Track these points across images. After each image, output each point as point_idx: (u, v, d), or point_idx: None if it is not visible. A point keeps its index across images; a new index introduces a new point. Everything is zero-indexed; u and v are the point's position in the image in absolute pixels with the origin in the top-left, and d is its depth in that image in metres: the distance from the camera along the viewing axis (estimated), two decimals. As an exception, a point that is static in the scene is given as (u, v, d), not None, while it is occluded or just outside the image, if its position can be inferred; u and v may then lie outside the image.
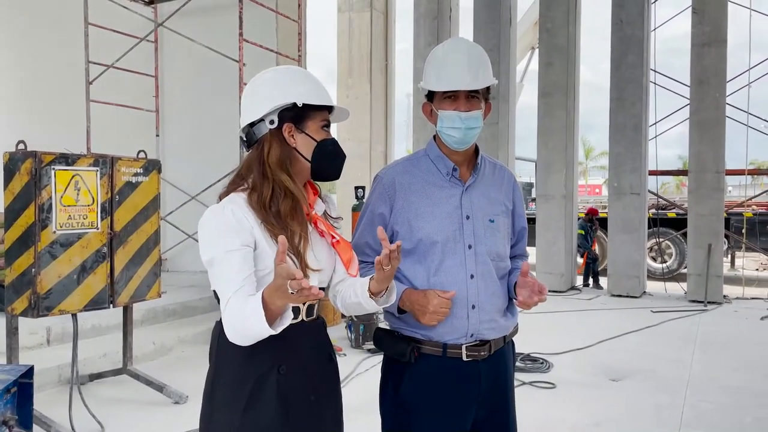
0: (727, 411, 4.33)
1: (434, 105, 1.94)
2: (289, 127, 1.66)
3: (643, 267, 9.51)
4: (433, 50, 1.99)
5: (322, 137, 1.68)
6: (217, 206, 1.63)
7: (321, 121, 1.68)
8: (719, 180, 8.87)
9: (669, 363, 5.52)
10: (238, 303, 1.48)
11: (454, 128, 1.89)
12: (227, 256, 1.55)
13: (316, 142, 1.67)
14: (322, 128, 1.69)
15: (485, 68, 1.91)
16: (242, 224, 1.58)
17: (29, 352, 4.94)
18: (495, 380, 1.98)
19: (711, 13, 8.79)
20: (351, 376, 4.99)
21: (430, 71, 1.94)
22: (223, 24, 7.98)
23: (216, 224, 1.59)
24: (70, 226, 3.82)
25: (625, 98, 9.25)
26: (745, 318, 7.71)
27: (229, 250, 1.55)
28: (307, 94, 1.66)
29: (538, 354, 5.57)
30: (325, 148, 1.68)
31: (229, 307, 1.50)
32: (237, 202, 1.62)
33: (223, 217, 1.59)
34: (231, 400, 1.61)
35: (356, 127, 12.00)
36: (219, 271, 1.56)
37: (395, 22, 12.69)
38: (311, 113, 1.67)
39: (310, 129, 1.67)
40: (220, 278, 1.56)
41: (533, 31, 14.82)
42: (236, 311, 1.48)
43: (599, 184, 34.11)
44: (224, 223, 1.58)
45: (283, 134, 1.66)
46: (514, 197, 2.10)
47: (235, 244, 1.55)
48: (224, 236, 1.57)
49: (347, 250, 1.75)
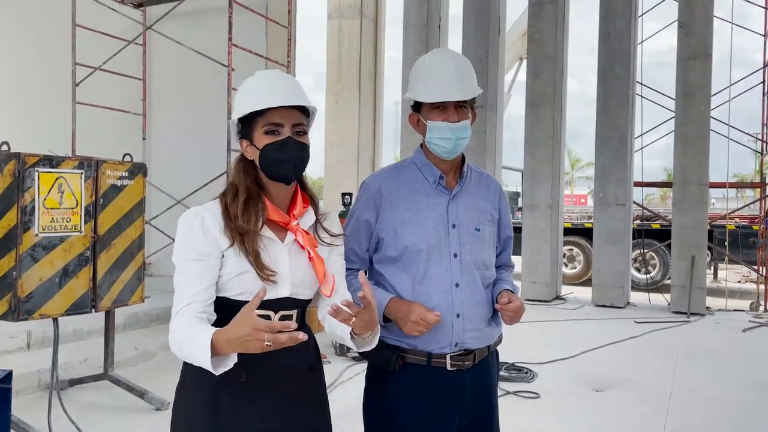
0: (709, 422, 4.36)
1: (422, 115, 1.94)
2: (244, 142, 1.68)
3: (627, 278, 9.57)
4: (419, 61, 1.99)
5: (264, 143, 1.63)
6: (192, 211, 1.66)
7: (264, 126, 1.63)
8: (703, 192, 8.96)
9: (652, 374, 5.55)
10: (186, 324, 1.52)
11: (444, 139, 1.89)
12: (185, 266, 1.59)
13: (259, 150, 1.64)
14: (266, 133, 1.63)
15: (471, 78, 1.93)
16: (208, 233, 1.60)
17: (8, 356, 4.87)
18: (479, 390, 1.98)
19: (697, 27, 8.91)
20: (335, 384, 4.96)
21: (416, 82, 1.94)
22: (213, 28, 7.96)
23: (183, 231, 1.63)
24: (53, 229, 3.78)
25: (611, 110, 9.33)
26: (727, 330, 7.77)
27: (188, 260, 1.59)
28: (244, 105, 1.65)
29: (523, 363, 5.58)
30: (266, 153, 1.63)
31: (176, 322, 1.54)
32: (211, 209, 1.65)
33: (192, 223, 1.62)
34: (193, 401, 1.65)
35: (344, 133, 12.00)
36: (177, 279, 1.60)
37: (385, 30, 12.73)
38: (255, 121, 1.65)
39: (255, 138, 1.65)
40: (176, 286, 1.60)
41: (521, 41, 14.92)
42: (181, 332, 1.51)
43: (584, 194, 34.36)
44: (190, 230, 1.61)
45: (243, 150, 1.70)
46: (500, 206, 2.11)
47: (193, 254, 1.58)
48: (187, 244, 1.61)
49: (321, 267, 1.70)
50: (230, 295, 1.61)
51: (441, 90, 1.87)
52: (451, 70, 1.89)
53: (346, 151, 11.95)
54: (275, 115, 1.62)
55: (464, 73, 1.91)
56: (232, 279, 1.60)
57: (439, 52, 2.01)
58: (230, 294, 1.61)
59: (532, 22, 10.09)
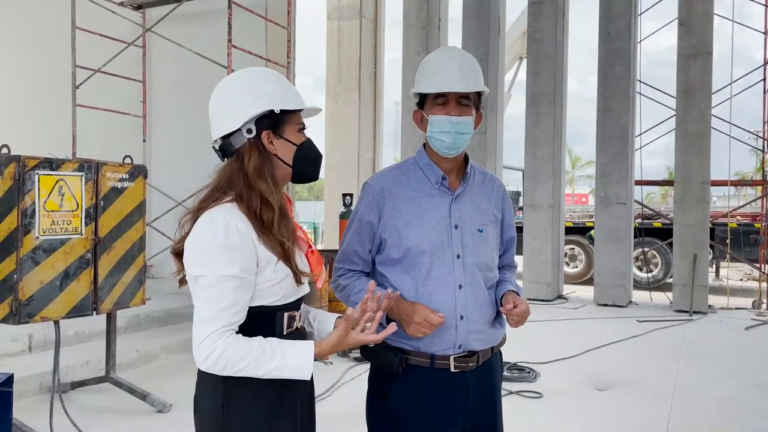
0: (712, 421, 4.35)
1: (425, 111, 1.93)
2: (268, 134, 1.61)
3: (629, 277, 9.56)
4: (426, 58, 1.99)
5: (300, 140, 1.64)
6: (219, 218, 1.51)
7: (297, 123, 1.65)
8: (704, 190, 8.95)
9: (655, 373, 5.54)
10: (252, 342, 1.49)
11: (444, 132, 1.88)
12: (222, 282, 1.47)
13: (296, 146, 1.63)
14: (299, 131, 1.65)
15: (477, 75, 1.92)
16: (247, 243, 1.51)
17: (10, 360, 4.86)
18: (482, 391, 1.97)
19: (697, 25, 8.90)
20: (337, 385, 4.95)
21: (421, 77, 1.94)
22: (212, 30, 7.95)
23: (217, 241, 1.49)
24: (54, 232, 3.77)
25: (612, 109, 9.32)
26: (730, 328, 7.76)
27: (226, 276, 1.47)
28: (281, 99, 1.61)
29: (525, 363, 5.57)
30: (305, 151, 1.64)
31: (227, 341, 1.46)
32: (235, 214, 1.53)
33: (226, 234, 1.49)
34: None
35: (345, 134, 12.00)
36: (208, 294, 1.48)
37: (384, 31, 12.74)
38: (288, 117, 1.63)
39: (288, 134, 1.63)
40: (207, 302, 1.48)
41: (521, 41, 14.91)
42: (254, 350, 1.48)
43: (586, 193, 34.33)
44: (226, 242, 1.49)
45: (263, 142, 1.61)
46: (504, 207, 2.09)
47: (234, 270, 1.48)
48: (223, 257, 1.48)
49: (319, 263, 1.72)
50: (268, 302, 1.57)
51: (443, 82, 1.87)
52: (454, 64, 1.89)
53: (347, 152, 11.95)
54: (301, 116, 1.66)
55: (468, 68, 1.90)
56: (274, 286, 1.55)
57: (445, 48, 2.02)
58: (268, 301, 1.57)
59: (532, 21, 10.08)
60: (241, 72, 1.69)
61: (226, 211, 1.54)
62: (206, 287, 1.48)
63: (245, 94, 1.61)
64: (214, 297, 1.47)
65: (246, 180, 1.57)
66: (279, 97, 1.61)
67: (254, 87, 1.62)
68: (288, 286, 1.59)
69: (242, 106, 1.59)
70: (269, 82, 1.64)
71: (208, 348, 1.44)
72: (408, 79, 10.05)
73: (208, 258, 1.49)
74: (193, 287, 1.53)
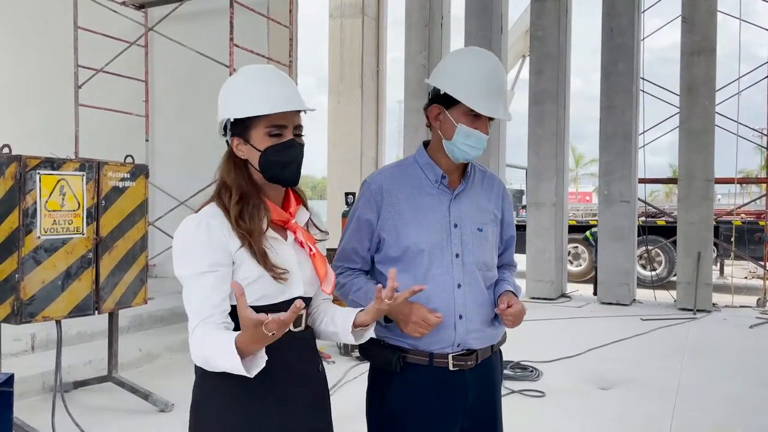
0: (717, 420, 4.33)
1: (452, 115, 1.86)
2: (236, 140, 1.63)
3: (632, 275, 9.52)
4: (460, 54, 1.95)
5: (266, 145, 1.59)
6: (193, 218, 1.58)
7: (266, 127, 1.59)
8: (708, 188, 8.90)
9: (659, 371, 5.52)
10: (208, 335, 1.47)
11: (472, 147, 1.87)
12: (197, 279, 1.52)
13: (260, 152, 1.60)
14: (268, 135, 1.60)
15: (506, 95, 1.92)
16: (215, 241, 1.54)
17: (13, 359, 4.86)
18: (482, 390, 1.96)
19: (700, 22, 8.85)
20: (340, 384, 4.95)
21: (454, 77, 1.86)
22: (214, 29, 7.95)
23: (188, 240, 1.56)
24: (55, 232, 3.77)
25: (615, 106, 9.29)
26: (734, 326, 7.73)
27: (200, 272, 1.52)
28: (238, 105, 1.60)
29: (528, 362, 5.55)
30: (269, 156, 1.59)
31: (196, 336, 1.49)
32: (215, 213, 1.58)
33: (196, 232, 1.55)
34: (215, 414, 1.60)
35: (347, 133, 11.99)
36: (188, 292, 1.54)
37: (387, 29, 12.72)
38: (254, 122, 1.60)
39: (254, 139, 1.60)
40: (188, 300, 1.54)
41: (524, 39, 14.88)
42: (205, 343, 1.47)
43: (590, 191, 34.25)
44: (196, 239, 1.55)
45: (235, 149, 1.64)
46: (503, 206, 2.08)
47: (203, 266, 1.52)
48: (195, 255, 1.54)
49: (323, 265, 1.70)
50: (253, 301, 1.54)
51: (490, 105, 1.84)
52: (495, 83, 1.87)
53: (349, 150, 11.94)
54: (279, 117, 1.58)
55: (504, 89, 1.91)
56: (250, 284, 1.54)
57: (486, 56, 1.93)
58: (252, 300, 1.54)
59: (535, 19, 10.05)
60: (236, 73, 1.71)
61: (207, 210, 1.60)
62: (187, 284, 1.55)
63: (220, 101, 1.66)
64: (194, 292, 1.53)
65: (222, 180, 1.64)
66: (240, 103, 1.60)
67: (224, 93, 1.66)
68: (267, 286, 1.57)
69: (219, 112, 1.67)
70: (235, 88, 1.64)
71: (190, 339, 1.50)
72: (410, 78, 10.02)
73: (182, 258, 1.56)
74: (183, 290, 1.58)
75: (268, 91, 1.59)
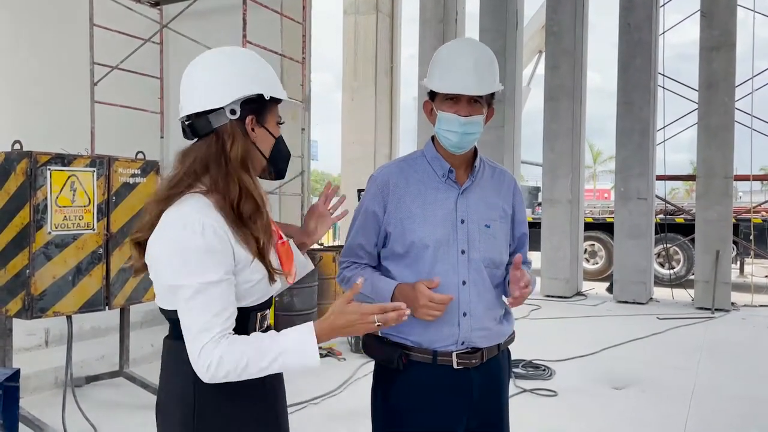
0: (732, 421, 4.25)
1: (435, 105, 1.88)
2: (252, 119, 1.48)
3: (649, 273, 9.40)
4: (440, 49, 1.93)
5: (278, 134, 1.54)
6: (189, 219, 1.38)
7: (277, 116, 1.54)
8: (728, 185, 8.75)
9: (674, 371, 5.43)
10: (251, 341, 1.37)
11: (451, 131, 1.83)
12: (207, 289, 1.35)
13: (275, 138, 1.53)
14: (277, 124, 1.54)
15: (492, 73, 1.85)
16: (225, 244, 1.39)
17: (26, 354, 4.92)
18: (488, 390, 1.92)
19: (720, 16, 8.70)
20: (350, 381, 4.93)
21: (434, 70, 1.88)
22: (228, 26, 7.95)
23: (194, 246, 1.36)
24: (66, 227, 3.79)
25: (632, 102, 9.16)
26: (752, 326, 7.59)
27: (210, 282, 1.35)
28: (271, 85, 1.50)
29: (541, 361, 5.49)
30: (282, 146, 1.55)
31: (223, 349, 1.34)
32: (208, 212, 1.40)
33: (204, 236, 1.36)
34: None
35: (361, 129, 11.98)
36: (196, 303, 1.35)
37: (401, 26, 12.67)
38: (272, 107, 1.52)
39: (269, 124, 1.52)
40: (194, 311, 1.36)
41: (540, 34, 14.74)
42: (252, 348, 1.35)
43: (608, 188, 33.91)
44: (206, 246, 1.36)
45: (246, 128, 1.48)
46: (515, 202, 2.03)
47: (217, 275, 1.36)
48: (203, 263, 1.36)
49: (290, 257, 1.62)
50: (248, 303, 1.47)
51: (455, 81, 1.81)
52: (470, 61, 1.82)
53: (363, 147, 11.93)
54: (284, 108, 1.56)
55: (484, 66, 1.83)
56: (251, 288, 1.45)
57: (460, 41, 1.95)
58: (248, 302, 1.47)
59: (551, 14, 9.94)
60: (229, 48, 1.56)
61: (197, 207, 1.40)
62: (192, 297, 1.35)
63: (236, 72, 1.48)
64: (203, 305, 1.35)
65: (226, 167, 1.44)
66: (269, 82, 1.51)
67: (245, 66, 1.50)
68: (263, 287, 1.50)
69: (230, 83, 1.46)
70: (260, 66, 1.54)
71: (207, 358, 1.33)
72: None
73: (188, 266, 1.36)
74: (170, 296, 1.41)
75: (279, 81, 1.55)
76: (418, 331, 1.85)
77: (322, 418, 4.09)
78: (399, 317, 1.41)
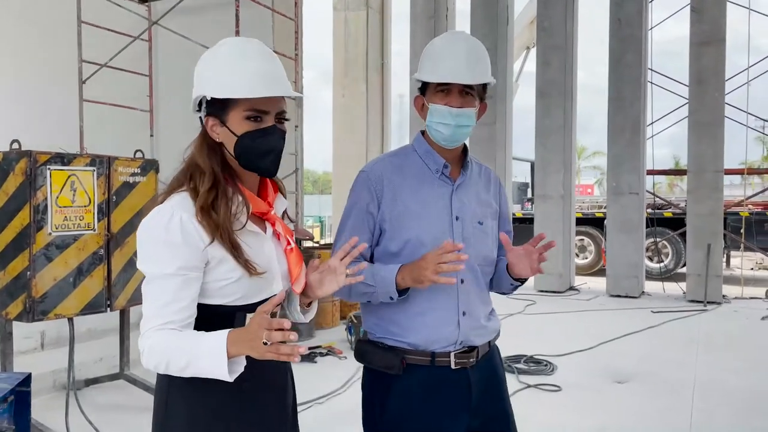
0: (735, 414, 4.28)
1: (426, 98, 1.84)
2: (212, 120, 1.48)
3: (641, 267, 9.48)
4: (431, 41, 1.89)
5: (244, 130, 1.45)
6: (165, 211, 1.41)
7: (245, 110, 1.44)
8: (718, 180, 8.84)
9: (673, 364, 5.47)
10: (176, 337, 1.36)
11: (443, 124, 1.79)
12: (161, 280, 1.38)
13: (237, 137, 1.45)
14: (246, 119, 1.45)
15: (483, 64, 1.81)
16: (189, 240, 1.38)
17: (23, 357, 4.81)
18: (486, 387, 1.89)
19: (710, 11, 8.76)
20: (352, 380, 4.90)
21: (425, 62, 1.84)
22: (219, 22, 7.87)
23: (157, 236, 1.39)
24: (66, 228, 3.72)
25: (623, 98, 9.22)
26: (745, 318, 7.68)
27: (165, 274, 1.38)
28: (217, 84, 1.44)
29: (541, 356, 5.50)
30: (245, 142, 1.45)
31: (154, 341, 1.36)
32: (185, 205, 1.42)
33: (168, 228, 1.38)
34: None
35: (352, 126, 11.94)
36: (150, 291, 1.40)
37: (391, 21, 12.64)
38: (232, 103, 1.45)
39: (231, 122, 1.45)
40: (148, 299, 1.40)
41: (529, 30, 14.78)
42: (172, 346, 1.35)
43: (591, 184, 34.16)
44: (167, 237, 1.38)
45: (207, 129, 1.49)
46: (500, 199, 2.02)
47: (171, 268, 1.37)
48: (163, 255, 1.38)
49: (298, 264, 1.56)
50: (226, 301, 1.45)
51: (447, 71, 1.77)
52: (461, 52, 1.78)
53: (354, 144, 11.89)
54: (261, 101, 1.44)
55: (475, 57, 1.79)
56: (230, 285, 1.43)
57: (451, 34, 1.92)
58: (226, 301, 1.45)
59: (541, 9, 9.96)
60: (217, 45, 1.54)
61: (179, 200, 1.44)
62: (148, 283, 1.41)
63: (198, 72, 1.50)
64: (155, 293, 1.39)
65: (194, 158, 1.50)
66: (215, 81, 1.44)
67: (199, 68, 1.51)
68: (248, 286, 1.45)
69: (196, 82, 1.51)
70: (206, 65, 1.49)
71: (143, 345, 1.38)
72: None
73: (149, 253, 1.41)
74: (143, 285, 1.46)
75: (251, 72, 1.44)
76: (416, 332, 1.81)
77: (330, 417, 4.05)
78: (284, 338, 1.23)
